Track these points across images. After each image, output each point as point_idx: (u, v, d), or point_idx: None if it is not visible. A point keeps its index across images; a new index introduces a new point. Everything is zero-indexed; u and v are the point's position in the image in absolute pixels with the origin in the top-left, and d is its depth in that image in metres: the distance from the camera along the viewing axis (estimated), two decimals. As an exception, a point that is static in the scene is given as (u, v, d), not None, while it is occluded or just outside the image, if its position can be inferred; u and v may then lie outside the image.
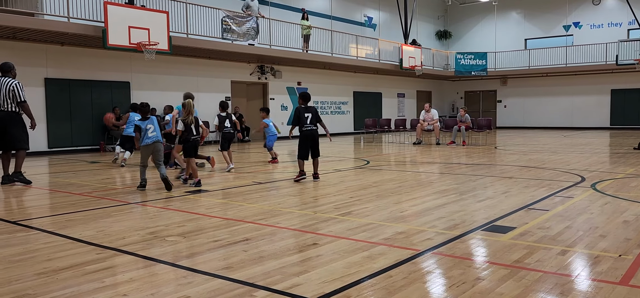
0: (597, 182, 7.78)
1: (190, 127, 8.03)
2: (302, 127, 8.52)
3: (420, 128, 17.71)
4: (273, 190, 7.72)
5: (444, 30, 32.31)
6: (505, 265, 3.70)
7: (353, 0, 25.58)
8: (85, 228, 5.14)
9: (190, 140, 8.06)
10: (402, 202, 6.46)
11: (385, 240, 4.49)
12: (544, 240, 4.41)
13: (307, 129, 8.53)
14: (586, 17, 27.99)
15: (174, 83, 17.62)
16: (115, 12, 13.77)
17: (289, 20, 20.57)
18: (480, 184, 7.88)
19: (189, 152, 8.12)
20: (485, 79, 30.32)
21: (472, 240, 4.52)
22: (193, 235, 4.79)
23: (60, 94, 15.03)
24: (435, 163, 11.28)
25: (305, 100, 8.67)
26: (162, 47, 14.78)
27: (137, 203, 6.61)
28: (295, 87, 22.52)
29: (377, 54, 24.93)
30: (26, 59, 14.21)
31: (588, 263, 3.80)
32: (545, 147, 15.35)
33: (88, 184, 8.47)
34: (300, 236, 4.68)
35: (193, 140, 8.10)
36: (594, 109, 27.44)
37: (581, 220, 5.20)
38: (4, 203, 6.99)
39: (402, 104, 29.33)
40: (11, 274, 3.68)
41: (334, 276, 3.51)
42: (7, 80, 8.33)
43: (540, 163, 10.62)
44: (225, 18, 17.30)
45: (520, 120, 29.70)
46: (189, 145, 8.07)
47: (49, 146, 14.87)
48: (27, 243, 4.58)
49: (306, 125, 8.51)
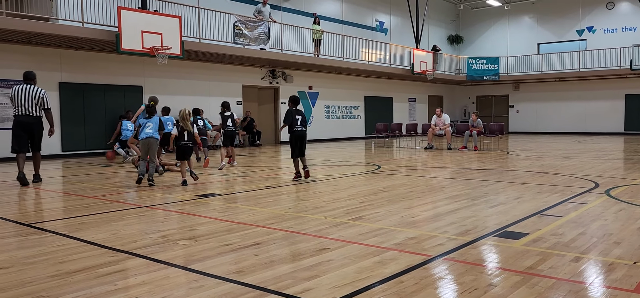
0: (611, 188, 7.69)
1: (182, 133, 8.76)
2: (294, 127, 9.03)
3: (432, 133, 17.65)
4: (284, 195, 7.73)
5: (456, 35, 32.20)
6: (518, 272, 3.67)
7: (364, 5, 25.59)
8: (98, 231, 5.18)
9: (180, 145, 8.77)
10: (414, 207, 6.43)
11: (397, 245, 4.47)
12: (557, 246, 4.36)
13: (298, 129, 9.05)
14: (600, 21, 27.73)
15: (186, 87, 17.75)
16: (128, 17, 13.90)
17: (301, 24, 20.62)
18: (492, 190, 7.83)
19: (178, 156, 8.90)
20: (497, 84, 30.15)
21: (484, 246, 4.48)
22: (204, 238, 4.80)
23: (74, 98, 15.20)
24: (446, 169, 11.23)
25: (295, 103, 9.24)
26: (175, 52, 14.89)
27: (149, 207, 6.65)
28: (307, 91, 22.56)
29: (388, 58, 24.90)
30: (41, 64, 14.40)
31: (602, 270, 3.75)
32: (558, 152, 15.22)
33: (101, 187, 8.55)
34: (311, 240, 4.68)
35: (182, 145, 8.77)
36: (608, 114, 27.15)
37: (595, 226, 5.14)
38: (19, 206, 7.08)
39: (413, 109, 29.25)
40: (25, 276, 3.71)
41: (345, 281, 3.50)
42: (35, 88, 8.96)
43: (553, 169, 10.53)
44: (237, 23, 17.40)
45: (533, 125, 29.47)
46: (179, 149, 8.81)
47: (63, 149, 15.03)
48: (41, 245, 4.63)
49: (297, 126, 9.05)
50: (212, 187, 8.60)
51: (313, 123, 22.92)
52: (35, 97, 8.90)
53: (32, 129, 8.99)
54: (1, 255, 4.33)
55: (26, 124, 8.91)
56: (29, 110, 8.89)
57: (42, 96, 8.99)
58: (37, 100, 8.94)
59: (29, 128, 8.96)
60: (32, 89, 8.92)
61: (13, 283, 3.57)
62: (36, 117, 8.99)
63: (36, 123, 9.01)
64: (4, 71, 13.84)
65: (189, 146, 8.88)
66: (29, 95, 8.87)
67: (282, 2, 20.87)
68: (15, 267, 3.95)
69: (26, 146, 9.08)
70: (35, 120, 8.99)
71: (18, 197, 7.85)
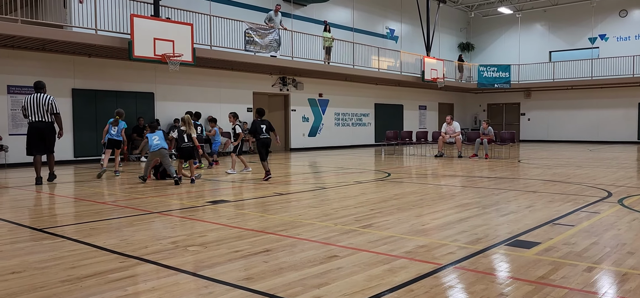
0: (625, 198, 7.60)
1: (182, 137, 9.85)
2: (260, 135, 10.24)
3: (442, 140, 17.58)
4: (294, 202, 7.73)
5: (467, 43, 32.11)
6: (529, 281, 3.63)
7: (375, 12, 25.61)
8: (109, 236, 5.22)
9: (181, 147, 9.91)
10: (424, 215, 6.40)
11: (407, 253, 4.45)
12: (569, 256, 4.31)
13: (264, 137, 10.30)
14: (612, 29, 27.51)
15: (197, 94, 17.85)
16: (141, 24, 14.03)
17: (311, 32, 20.69)
18: (503, 198, 7.77)
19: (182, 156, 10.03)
20: (508, 92, 29.98)
21: (495, 254, 4.45)
22: (214, 245, 4.81)
23: (87, 104, 15.35)
24: (457, 177, 11.17)
25: (260, 115, 10.53)
26: (186, 59, 14.99)
27: (159, 213, 6.69)
28: (317, 98, 22.59)
29: (398, 66, 24.87)
30: (54, 70, 14.58)
31: (615, 280, 3.70)
32: (570, 161, 15.08)
33: (112, 193, 8.61)
34: (320, 248, 4.67)
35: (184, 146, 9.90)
36: (621, 122, 26.88)
37: (608, 236, 5.08)
38: (32, 211, 7.14)
39: (423, 116, 29.16)
40: (36, 280, 3.75)
41: (354, 289, 3.49)
42: (46, 96, 9.84)
43: (565, 178, 10.43)
44: (248, 30, 17.49)
45: (544, 133, 29.25)
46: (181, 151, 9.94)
47: (75, 155, 15.17)
48: (53, 250, 4.67)
49: (262, 134, 10.27)
50: (222, 194, 8.63)
51: (323, 130, 22.93)
52: (45, 104, 9.73)
53: (44, 134, 9.81)
54: (14, 259, 4.37)
55: (39, 129, 9.75)
56: (41, 117, 9.72)
57: (51, 102, 9.81)
58: (47, 107, 9.76)
59: (42, 133, 9.79)
60: (42, 97, 9.75)
61: (25, 287, 3.60)
62: (48, 122, 9.82)
63: (48, 128, 9.84)
64: (19, 77, 14.02)
65: (191, 147, 9.94)
66: (40, 103, 9.70)
67: (293, 9, 20.96)
68: (27, 272, 3.99)
69: (40, 150, 9.92)
70: (47, 126, 9.82)
71: (31, 202, 7.93)
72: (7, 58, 13.80)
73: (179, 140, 9.88)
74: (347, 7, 23.86)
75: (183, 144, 9.87)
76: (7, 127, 13.84)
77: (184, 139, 9.86)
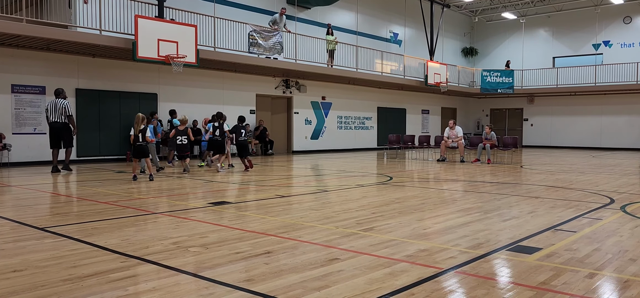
0: (627, 204, 7.57)
1: (137, 136, 10.51)
2: (239, 137, 12.70)
3: (445, 145, 17.56)
4: (296, 204, 7.73)
5: (470, 47, 32.09)
6: (530, 287, 3.62)
7: (379, 16, 25.63)
8: (111, 236, 5.22)
9: (135, 145, 10.59)
10: (425, 219, 6.40)
11: (408, 257, 4.44)
12: (571, 262, 4.30)
13: (242, 139, 12.78)
14: (616, 35, 27.47)
15: (200, 95, 17.88)
16: (145, 25, 14.07)
17: (315, 35, 20.71)
18: (505, 203, 7.75)
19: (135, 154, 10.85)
20: (511, 97, 29.93)
21: (496, 259, 4.44)
22: (215, 246, 4.82)
23: (90, 104, 15.38)
24: (459, 181, 11.15)
25: (241, 121, 13.09)
26: (190, 60, 15.02)
27: (161, 213, 6.70)
28: (320, 101, 22.60)
29: (402, 70, 24.88)
30: (59, 70, 14.62)
31: (617, 287, 3.69)
32: (573, 167, 15.04)
33: (114, 193, 8.63)
34: (321, 250, 4.66)
35: (138, 145, 10.55)
36: (624, 129, 26.81)
37: (610, 242, 5.07)
38: (34, 210, 7.16)
39: (426, 121, 29.14)
40: (38, 279, 3.75)
41: (355, 292, 3.48)
42: (61, 101, 11.91)
43: (568, 184, 10.41)
44: (252, 32, 17.52)
45: (547, 139, 29.19)
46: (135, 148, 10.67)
47: (78, 155, 15.19)
48: (54, 249, 4.68)
49: (241, 137, 12.74)
50: (223, 195, 8.64)
51: (325, 133, 22.93)
52: (60, 109, 11.82)
53: (60, 132, 11.90)
54: (15, 258, 4.38)
55: (56, 129, 11.87)
56: (57, 118, 11.81)
57: (64, 106, 11.86)
58: (61, 111, 11.81)
59: (58, 132, 11.89)
60: (58, 102, 11.86)
61: (26, 286, 3.61)
62: (63, 123, 11.90)
63: (63, 127, 11.92)
64: (24, 77, 14.07)
65: (143, 145, 10.58)
66: (57, 107, 11.82)
67: (297, 12, 20.98)
68: (28, 270, 4.00)
69: (57, 145, 12.00)
70: (63, 126, 11.91)
71: (34, 200, 7.95)
72: (11, 57, 13.84)
73: (135, 138, 10.55)
74: (351, 11, 23.88)
75: (137, 143, 10.56)
76: (10, 126, 13.88)
77: (138, 138, 10.54)
